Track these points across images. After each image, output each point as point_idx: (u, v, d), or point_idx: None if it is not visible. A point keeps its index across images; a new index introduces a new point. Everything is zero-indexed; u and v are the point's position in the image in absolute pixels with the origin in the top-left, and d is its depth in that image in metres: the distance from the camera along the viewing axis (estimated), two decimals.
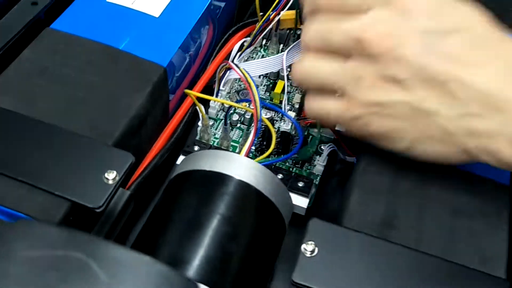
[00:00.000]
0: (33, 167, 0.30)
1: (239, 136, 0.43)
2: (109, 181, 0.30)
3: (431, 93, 0.29)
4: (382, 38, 0.30)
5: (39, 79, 0.35)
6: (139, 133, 0.35)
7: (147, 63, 0.37)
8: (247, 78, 0.37)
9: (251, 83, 0.36)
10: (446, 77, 0.29)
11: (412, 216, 0.31)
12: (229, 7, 0.49)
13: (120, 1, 0.40)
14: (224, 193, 0.31)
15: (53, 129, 0.32)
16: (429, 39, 0.29)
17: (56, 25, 0.38)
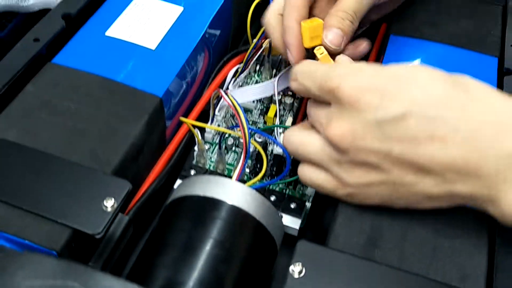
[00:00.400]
0: (37, 196, 0.32)
1: (234, 159, 0.45)
2: (108, 209, 0.32)
3: (406, 170, 0.31)
4: (341, 135, 0.32)
5: (41, 112, 0.37)
6: (137, 161, 0.37)
7: (144, 94, 0.39)
8: (236, 106, 0.38)
9: (239, 111, 0.38)
10: (413, 157, 0.30)
11: (395, 236, 0.32)
12: (224, 35, 0.51)
13: (118, 35, 0.43)
14: (216, 217, 0.32)
15: (55, 160, 0.34)
16: (384, 128, 0.31)
17: (57, 60, 0.40)
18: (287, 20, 0.39)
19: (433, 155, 0.30)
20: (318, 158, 0.34)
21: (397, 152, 0.30)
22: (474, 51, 0.44)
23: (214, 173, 0.42)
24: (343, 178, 0.33)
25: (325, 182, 0.34)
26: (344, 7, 0.39)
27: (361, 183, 0.33)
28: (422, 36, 0.45)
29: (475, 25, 0.46)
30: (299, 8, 0.39)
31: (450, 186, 0.30)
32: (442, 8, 0.47)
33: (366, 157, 0.31)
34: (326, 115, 0.34)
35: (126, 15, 0.44)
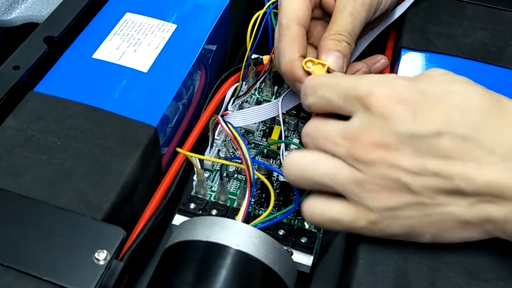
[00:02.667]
0: (20, 250, 0.28)
1: (237, 188, 0.41)
2: (100, 262, 0.28)
3: (438, 190, 0.28)
4: (372, 146, 0.29)
5: (23, 149, 0.33)
6: (131, 200, 0.34)
7: (137, 124, 0.35)
8: (236, 138, 0.35)
9: (241, 143, 0.35)
10: (447, 174, 0.28)
11: (424, 281, 0.29)
12: (221, 50, 0.48)
13: (106, 58, 0.39)
14: (221, 266, 0.29)
15: (39, 206, 0.30)
16: (417, 143, 0.28)
17: (39, 88, 0.37)
18: (290, 54, 0.37)
19: (468, 174, 0.28)
20: (333, 182, 0.30)
21: (431, 168, 0.28)
22: (492, 64, 0.40)
23: (215, 204, 0.39)
24: (365, 203, 0.29)
25: (342, 213, 0.30)
26: (339, 29, 0.37)
27: (388, 207, 0.29)
28: (436, 49, 0.41)
29: (492, 35, 0.42)
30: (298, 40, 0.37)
31: (483, 209, 0.28)
32: (454, 18, 0.44)
33: (396, 175, 0.28)
34: (343, 130, 0.30)
35: (115, 35, 0.41)
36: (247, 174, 0.34)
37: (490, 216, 0.28)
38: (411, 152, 0.28)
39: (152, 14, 0.43)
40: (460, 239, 0.30)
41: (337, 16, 0.38)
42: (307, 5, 0.38)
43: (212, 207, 0.38)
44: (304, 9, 0.38)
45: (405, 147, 0.28)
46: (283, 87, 0.47)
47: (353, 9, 0.38)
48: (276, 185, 0.41)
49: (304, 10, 0.38)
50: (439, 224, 0.29)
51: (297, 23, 0.38)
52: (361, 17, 0.38)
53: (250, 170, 0.33)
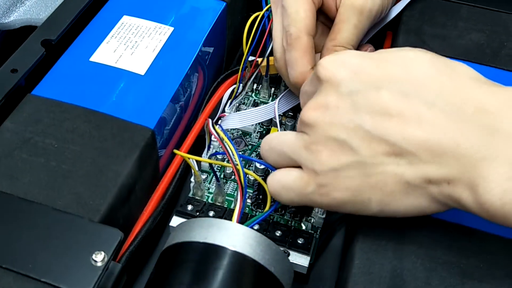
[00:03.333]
0: (18, 252, 0.29)
1: (234, 189, 0.41)
2: (98, 263, 0.28)
3: (376, 148, 0.28)
4: (313, 110, 0.30)
5: (21, 152, 0.33)
6: (128, 202, 0.34)
7: (134, 127, 0.35)
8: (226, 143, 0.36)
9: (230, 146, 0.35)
10: (384, 132, 0.28)
11: (419, 281, 0.29)
12: (218, 52, 0.48)
13: (104, 60, 0.39)
14: (218, 267, 0.29)
15: (37, 208, 0.30)
16: (356, 99, 0.29)
17: (37, 91, 0.37)
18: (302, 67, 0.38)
19: (405, 132, 0.27)
20: (288, 150, 0.32)
21: (368, 126, 0.28)
22: (487, 65, 0.41)
23: (213, 206, 0.39)
24: (313, 166, 0.30)
25: (295, 180, 0.31)
26: (343, 41, 0.38)
27: (331, 168, 0.29)
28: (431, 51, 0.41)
29: (487, 37, 0.43)
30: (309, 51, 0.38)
31: (424, 169, 0.27)
32: (449, 19, 0.44)
33: (336, 132, 0.29)
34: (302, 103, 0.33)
35: (112, 38, 0.41)
36: (237, 177, 0.34)
37: (433, 178, 0.27)
38: (349, 109, 0.29)
39: (149, 17, 0.43)
40: (409, 210, 0.29)
41: (341, 27, 0.38)
42: (313, 13, 0.39)
43: (209, 208, 0.39)
44: (311, 18, 0.38)
45: (344, 103, 0.29)
46: (280, 89, 0.47)
47: (358, 22, 0.38)
48: None
49: (312, 18, 0.38)
50: (381, 186, 0.28)
51: (307, 33, 0.38)
52: (364, 29, 0.39)
53: (240, 173, 0.34)
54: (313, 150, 0.30)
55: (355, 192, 0.29)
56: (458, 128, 0.26)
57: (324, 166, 0.30)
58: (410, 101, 0.28)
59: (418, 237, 0.31)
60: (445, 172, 0.27)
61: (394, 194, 0.28)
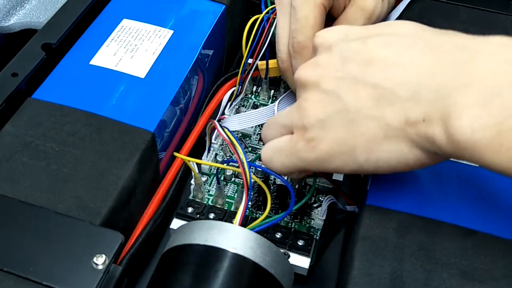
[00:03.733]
0: (19, 255, 0.29)
1: (234, 191, 0.41)
2: (99, 266, 0.29)
3: (359, 93, 0.29)
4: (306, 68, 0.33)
5: (22, 156, 0.33)
6: (129, 205, 0.34)
7: (134, 130, 0.36)
8: (233, 142, 0.36)
9: (237, 147, 0.35)
10: (368, 77, 0.29)
11: (418, 282, 0.29)
12: (218, 54, 0.48)
13: (104, 64, 0.39)
14: (218, 269, 0.29)
15: (38, 211, 0.31)
16: (344, 49, 0.31)
17: (38, 95, 0.37)
18: None
19: (387, 73, 0.29)
20: (282, 119, 0.33)
21: (354, 73, 0.30)
22: None
23: (213, 208, 0.39)
24: (302, 122, 0.31)
25: (286, 141, 0.33)
26: None
27: (317, 119, 0.30)
28: None
29: None
30: None
31: (403, 108, 0.28)
32: (446, 21, 0.44)
33: (324, 85, 0.31)
34: None
35: (112, 42, 0.41)
36: (244, 178, 0.34)
37: (407, 115, 0.27)
38: (338, 62, 0.31)
39: (148, 20, 0.43)
40: (391, 160, 0.29)
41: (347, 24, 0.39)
42: (322, 20, 0.39)
43: (209, 211, 0.39)
44: (321, 25, 0.39)
45: (334, 58, 0.31)
46: (280, 91, 0.47)
47: (365, 24, 0.39)
48: (273, 188, 0.41)
49: (321, 25, 0.39)
50: (363, 131, 0.29)
51: None
52: None
53: (247, 174, 0.34)
54: (302, 107, 0.31)
55: (341, 141, 0.30)
56: (435, 62, 0.28)
57: (311, 118, 0.31)
58: (393, 47, 0.29)
59: (417, 238, 0.31)
60: (421, 109, 0.27)
61: (376, 139, 0.29)
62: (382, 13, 0.40)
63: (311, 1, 0.38)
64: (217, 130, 0.38)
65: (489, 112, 0.24)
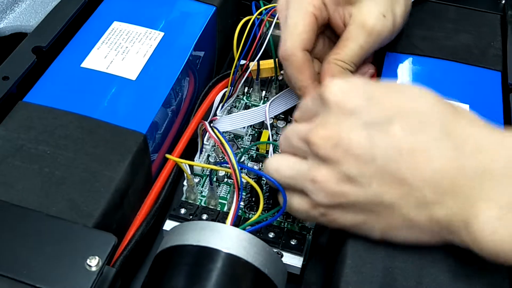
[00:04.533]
0: (13, 258, 0.29)
1: (227, 192, 0.42)
2: (92, 268, 0.29)
3: (386, 185, 0.29)
4: (325, 139, 0.30)
5: (14, 159, 0.33)
6: (121, 207, 0.34)
7: (126, 132, 0.36)
8: (223, 143, 0.36)
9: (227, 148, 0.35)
10: (395, 168, 0.28)
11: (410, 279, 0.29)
12: (209, 56, 0.48)
13: (94, 66, 0.39)
14: (212, 269, 0.29)
15: (31, 214, 0.30)
16: (371, 129, 0.29)
17: (29, 98, 0.37)
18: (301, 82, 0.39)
19: (415, 167, 0.28)
20: (292, 180, 0.32)
21: (380, 159, 0.28)
22: (475, 65, 0.41)
23: (206, 209, 0.39)
24: (317, 199, 0.30)
25: (300, 204, 0.32)
26: (346, 58, 0.38)
27: (337, 203, 0.30)
28: (420, 52, 0.42)
29: (474, 37, 0.43)
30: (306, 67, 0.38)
31: (427, 208, 0.28)
32: (437, 22, 0.45)
33: (346, 166, 0.29)
34: (309, 127, 0.31)
35: (103, 44, 0.41)
36: (234, 179, 0.34)
37: (436, 217, 0.28)
38: (363, 139, 0.29)
39: (139, 22, 0.43)
40: (409, 241, 0.30)
41: (347, 44, 0.38)
42: (312, 27, 0.38)
43: (202, 211, 0.39)
44: (310, 32, 0.38)
45: (358, 134, 0.29)
46: (271, 92, 0.48)
47: (365, 43, 0.38)
48: (266, 188, 0.41)
49: (310, 32, 0.38)
50: (388, 221, 0.30)
51: (302, 49, 0.38)
52: (370, 51, 0.39)
53: (237, 175, 0.34)
54: (318, 183, 0.30)
55: (360, 222, 0.30)
56: (459, 167, 0.28)
57: (328, 199, 0.30)
58: (420, 137, 0.28)
59: None
60: (446, 213, 0.28)
61: (397, 228, 0.30)
62: (383, 30, 0.38)
63: (302, 9, 0.38)
64: (207, 131, 0.38)
65: (506, 223, 0.27)
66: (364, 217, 0.30)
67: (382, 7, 0.38)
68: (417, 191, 0.28)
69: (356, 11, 0.38)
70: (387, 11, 0.38)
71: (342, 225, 0.31)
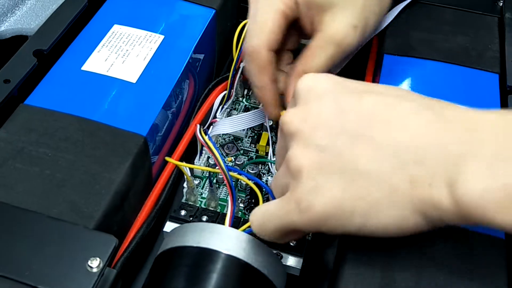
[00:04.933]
0: (15, 260, 0.29)
1: (227, 194, 0.42)
2: (93, 269, 0.29)
3: (359, 152, 0.27)
4: (295, 115, 0.30)
5: (15, 162, 0.34)
6: (122, 208, 0.34)
7: (126, 134, 0.36)
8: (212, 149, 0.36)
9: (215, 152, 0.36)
10: (368, 135, 0.27)
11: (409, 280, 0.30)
12: (209, 59, 0.48)
13: (95, 69, 0.40)
14: (212, 271, 0.30)
15: (32, 216, 0.31)
16: (343, 98, 0.29)
17: (30, 101, 0.37)
18: (260, 81, 0.38)
19: (389, 134, 0.27)
20: (279, 179, 0.32)
21: (352, 128, 0.28)
22: (473, 68, 0.42)
23: (206, 211, 0.40)
24: (291, 177, 0.29)
25: (277, 205, 0.30)
26: (312, 67, 0.37)
27: (310, 178, 0.28)
28: (418, 54, 0.42)
29: (472, 40, 0.43)
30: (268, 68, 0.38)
31: (407, 168, 0.26)
32: (434, 24, 0.45)
33: (316, 137, 0.28)
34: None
35: (103, 47, 0.41)
36: (226, 181, 0.35)
37: (415, 175, 0.26)
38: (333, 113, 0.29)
39: (139, 25, 0.43)
40: (392, 224, 0.27)
41: (316, 53, 0.37)
42: (281, 26, 0.37)
43: (202, 213, 0.39)
44: (278, 32, 0.37)
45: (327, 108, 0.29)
46: None
47: (335, 54, 0.37)
48: (265, 190, 0.41)
49: (278, 33, 0.37)
50: (367, 195, 0.27)
51: (268, 49, 0.37)
52: (338, 62, 0.38)
53: (227, 177, 0.35)
54: (292, 163, 0.29)
55: (337, 204, 0.27)
56: (441, 127, 0.26)
57: (302, 177, 0.28)
58: (394, 109, 0.28)
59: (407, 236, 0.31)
60: (426, 173, 0.26)
61: (378, 203, 0.27)
62: (353, 42, 0.37)
63: (273, 5, 0.37)
64: (196, 136, 0.39)
65: (496, 174, 0.24)
66: (340, 194, 0.27)
67: (354, 18, 0.37)
68: (393, 153, 0.27)
69: (327, 20, 0.37)
70: (359, 21, 0.37)
71: (320, 214, 0.28)
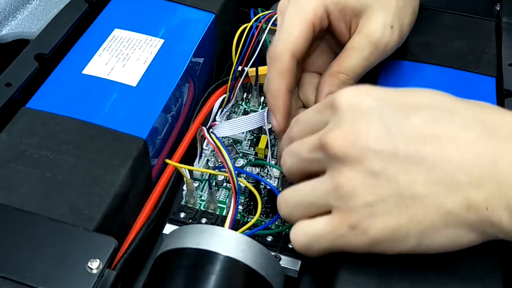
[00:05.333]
0: (16, 261, 0.29)
1: (226, 196, 0.42)
2: (93, 271, 0.29)
3: (414, 176, 0.27)
4: (342, 139, 0.28)
5: (17, 164, 0.34)
6: (122, 210, 0.35)
7: (126, 137, 0.36)
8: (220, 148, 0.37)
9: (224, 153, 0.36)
10: (420, 156, 0.27)
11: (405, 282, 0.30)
12: (208, 63, 0.49)
13: (96, 73, 0.40)
14: (211, 272, 0.30)
15: (33, 218, 0.31)
16: (388, 126, 0.28)
17: (31, 104, 0.38)
18: (276, 86, 0.37)
19: (443, 155, 0.27)
20: (314, 198, 0.30)
21: (403, 150, 0.27)
22: (470, 71, 0.42)
23: (205, 213, 0.40)
24: (345, 206, 0.28)
25: (323, 225, 0.29)
26: (348, 68, 0.37)
27: (366, 203, 0.27)
28: (414, 58, 0.43)
29: (469, 44, 0.44)
30: (287, 74, 0.37)
31: (464, 193, 0.26)
32: (431, 28, 0.45)
33: (368, 163, 0.27)
34: (319, 135, 0.30)
35: (104, 51, 0.42)
36: (232, 183, 0.35)
37: (469, 201, 0.26)
38: (381, 133, 0.28)
39: (140, 29, 0.44)
40: (447, 244, 0.28)
41: (352, 55, 0.37)
42: (308, 34, 0.37)
43: (202, 215, 0.40)
44: (304, 39, 0.37)
45: (375, 128, 0.28)
46: None
47: (371, 55, 0.37)
48: (264, 192, 0.42)
49: (304, 40, 0.37)
50: (422, 219, 0.27)
51: (291, 54, 0.37)
52: (375, 63, 0.38)
53: (234, 179, 0.35)
54: (343, 187, 0.28)
55: (393, 228, 0.28)
56: (495, 149, 0.26)
57: (358, 202, 0.28)
58: (443, 125, 0.27)
59: None
60: (484, 195, 0.26)
61: (433, 226, 0.27)
62: (390, 41, 0.38)
63: (301, 14, 0.37)
64: (205, 137, 0.39)
65: None
66: (396, 218, 0.27)
67: (390, 18, 0.37)
68: (448, 176, 0.26)
69: (363, 22, 0.37)
70: (394, 22, 0.37)
71: (374, 237, 0.28)
